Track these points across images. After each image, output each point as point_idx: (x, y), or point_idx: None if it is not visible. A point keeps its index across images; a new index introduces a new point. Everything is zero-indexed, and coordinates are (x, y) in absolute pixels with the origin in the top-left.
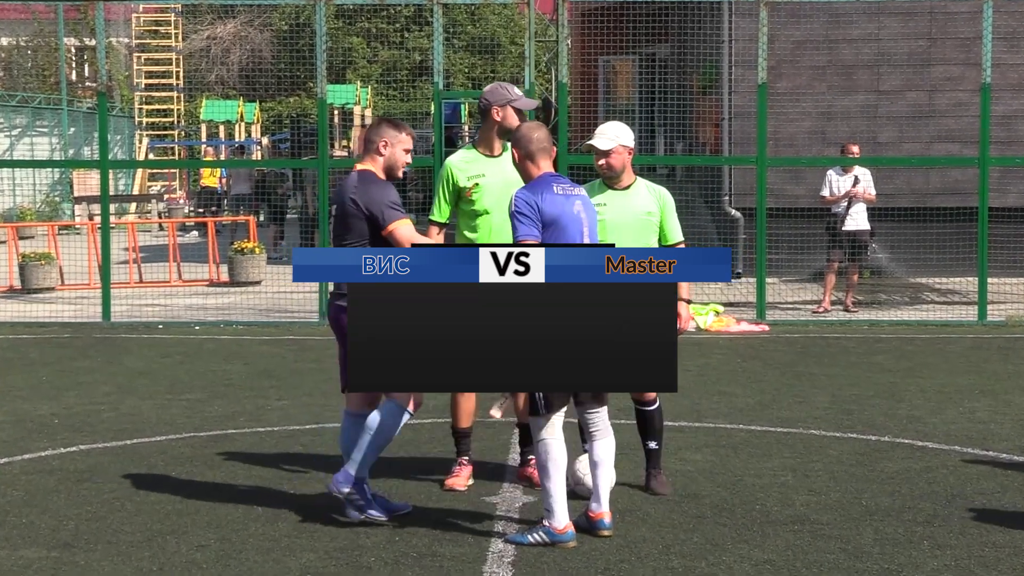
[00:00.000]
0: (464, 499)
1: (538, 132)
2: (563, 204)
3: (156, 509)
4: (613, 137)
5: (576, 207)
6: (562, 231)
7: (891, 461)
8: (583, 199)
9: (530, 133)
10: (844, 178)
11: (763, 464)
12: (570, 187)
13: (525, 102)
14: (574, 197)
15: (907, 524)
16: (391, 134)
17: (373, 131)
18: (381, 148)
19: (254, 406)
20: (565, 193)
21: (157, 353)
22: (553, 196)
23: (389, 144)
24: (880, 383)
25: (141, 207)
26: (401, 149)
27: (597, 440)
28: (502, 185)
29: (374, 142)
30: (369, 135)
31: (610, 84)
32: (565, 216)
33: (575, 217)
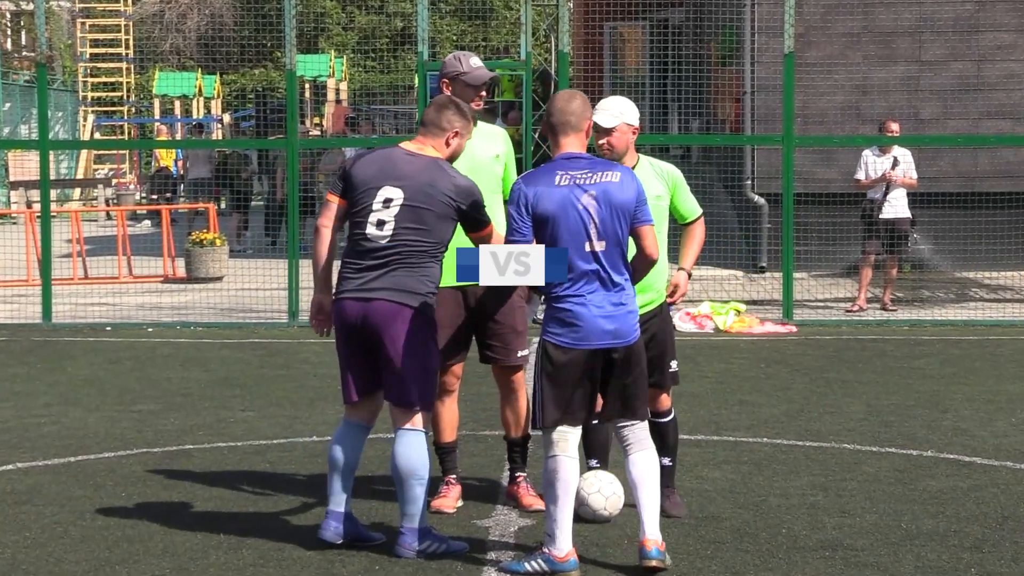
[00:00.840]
0: (452, 522)
1: (564, 103)
2: (563, 198)
3: (104, 535)
4: (617, 114)
5: (584, 201)
6: (557, 230)
7: (934, 479)
8: (601, 189)
9: (554, 103)
10: (882, 160)
11: (790, 483)
12: (586, 173)
13: (476, 75)
14: (584, 188)
15: (952, 550)
16: (462, 124)
17: (443, 116)
18: (451, 138)
19: (215, 418)
20: (572, 184)
21: (104, 359)
22: (551, 189)
23: (460, 135)
24: (922, 391)
25: (86, 193)
26: (464, 141)
27: (633, 453)
28: (472, 166)
29: (445, 130)
30: (438, 119)
31: (617, 54)
32: (563, 213)
33: (578, 213)
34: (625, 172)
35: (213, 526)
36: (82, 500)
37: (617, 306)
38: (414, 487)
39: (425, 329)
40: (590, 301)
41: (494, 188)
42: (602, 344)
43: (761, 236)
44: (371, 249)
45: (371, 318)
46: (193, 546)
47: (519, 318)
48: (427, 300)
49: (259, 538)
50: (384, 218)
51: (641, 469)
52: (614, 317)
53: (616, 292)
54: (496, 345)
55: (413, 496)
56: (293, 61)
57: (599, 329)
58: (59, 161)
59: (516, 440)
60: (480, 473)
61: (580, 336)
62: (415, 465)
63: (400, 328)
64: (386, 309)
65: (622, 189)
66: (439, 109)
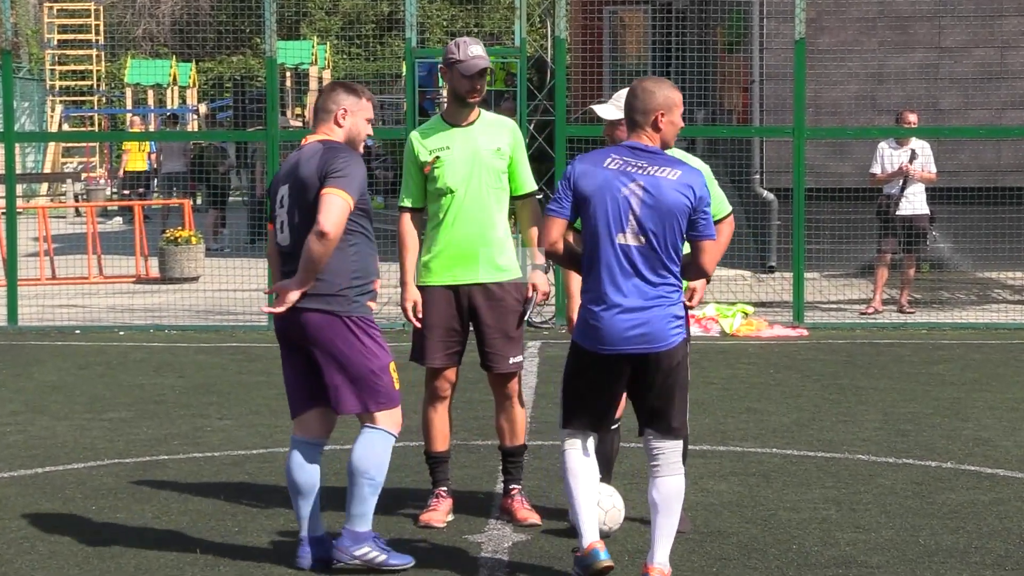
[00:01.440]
0: (443, 537)
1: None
2: (606, 180)
3: (73, 551)
4: (621, 105)
5: (627, 189)
6: (594, 212)
7: (954, 492)
8: (652, 183)
9: (631, 95)
10: (898, 153)
11: (801, 496)
12: (642, 164)
13: (468, 64)
14: (632, 177)
15: (973, 567)
16: (351, 101)
17: (328, 98)
18: (340, 118)
19: (191, 427)
20: (620, 169)
21: (73, 364)
22: (597, 169)
23: (349, 113)
24: (941, 399)
25: (54, 188)
26: (363, 119)
27: (659, 477)
28: (470, 159)
29: (331, 111)
30: (324, 103)
31: (617, 40)
32: (602, 195)
33: (616, 201)
34: (689, 173)
35: (189, 541)
36: (50, 514)
37: (647, 309)
38: (362, 487)
39: (341, 330)
40: (612, 301)
41: (493, 183)
42: (624, 349)
43: (770, 234)
44: (284, 255)
45: (293, 331)
46: (168, 562)
47: (512, 322)
48: (345, 295)
49: (237, 554)
50: (283, 218)
51: (664, 494)
52: (642, 321)
53: (650, 294)
54: (487, 351)
55: (360, 496)
56: (273, 48)
57: (620, 334)
58: (25, 154)
59: (511, 450)
60: (472, 485)
61: (598, 339)
62: (365, 465)
63: (325, 337)
64: (305, 321)
65: (677, 189)
66: (326, 93)
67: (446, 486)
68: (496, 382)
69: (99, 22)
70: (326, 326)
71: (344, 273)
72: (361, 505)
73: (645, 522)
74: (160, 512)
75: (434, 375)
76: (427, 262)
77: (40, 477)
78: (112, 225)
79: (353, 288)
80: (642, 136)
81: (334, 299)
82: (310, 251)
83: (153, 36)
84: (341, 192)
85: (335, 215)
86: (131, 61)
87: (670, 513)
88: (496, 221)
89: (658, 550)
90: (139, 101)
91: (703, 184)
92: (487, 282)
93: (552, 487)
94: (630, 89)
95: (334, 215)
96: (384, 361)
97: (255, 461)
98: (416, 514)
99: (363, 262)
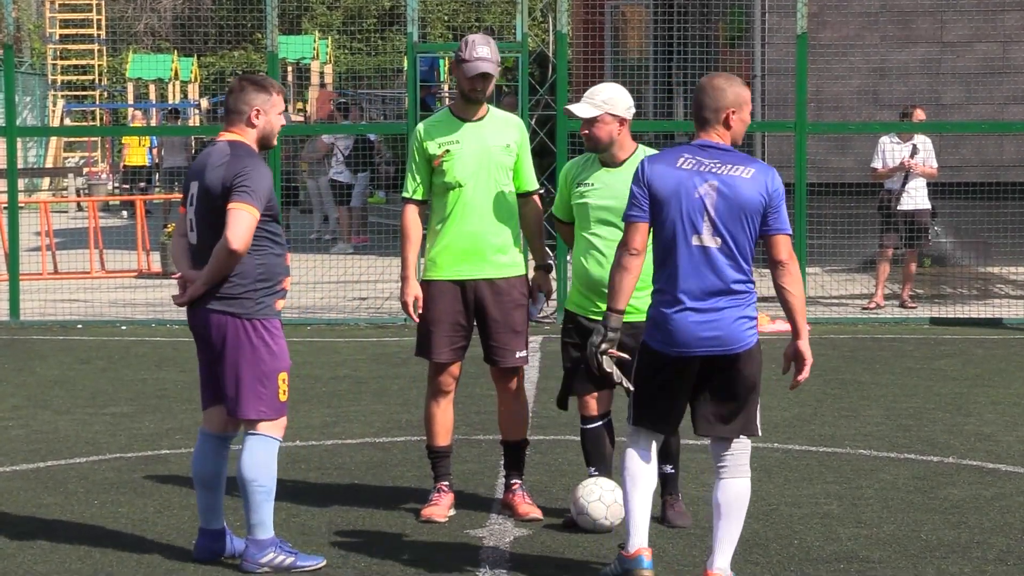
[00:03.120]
0: (444, 532)
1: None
2: (680, 182)
3: (75, 545)
4: (599, 103)
5: (703, 189)
6: (669, 215)
7: (956, 487)
8: (726, 182)
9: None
10: (900, 147)
11: (802, 490)
12: (715, 163)
13: (470, 66)
14: (706, 177)
15: (975, 562)
16: (262, 99)
17: (239, 98)
18: (254, 118)
19: (192, 421)
20: (694, 169)
21: (75, 358)
22: (670, 170)
23: (262, 112)
24: (943, 394)
25: (56, 183)
26: (275, 114)
27: (724, 479)
28: (479, 153)
29: (243, 112)
30: (235, 104)
31: (619, 35)
32: (675, 198)
33: (693, 201)
34: (762, 170)
35: (190, 536)
36: (52, 508)
37: (720, 311)
38: (254, 494)
39: (242, 332)
40: (686, 303)
41: (501, 179)
42: (696, 351)
43: None
44: (193, 251)
45: (197, 328)
46: (170, 557)
47: (519, 317)
48: (249, 297)
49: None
50: (191, 217)
51: (728, 496)
52: (715, 322)
53: (724, 296)
54: (493, 345)
55: (254, 503)
56: (275, 42)
57: (693, 335)
58: (27, 149)
59: (513, 445)
60: (474, 480)
61: (669, 340)
62: (253, 473)
63: (216, 337)
64: (208, 320)
65: (751, 186)
66: (235, 93)
67: (448, 481)
68: (500, 377)
69: (101, 17)
70: (227, 327)
71: (249, 276)
72: (257, 513)
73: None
74: (162, 507)
75: (439, 370)
76: (434, 257)
77: (42, 471)
78: (118, 220)
79: (258, 291)
80: (712, 134)
81: (237, 301)
82: (217, 262)
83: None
84: (246, 207)
85: (242, 231)
86: (133, 56)
87: (733, 517)
88: (502, 216)
89: (718, 555)
90: (141, 96)
91: (775, 178)
92: (494, 277)
93: (554, 482)
94: (699, 86)
95: (241, 230)
96: (274, 367)
97: None
98: (418, 509)
99: (268, 264)
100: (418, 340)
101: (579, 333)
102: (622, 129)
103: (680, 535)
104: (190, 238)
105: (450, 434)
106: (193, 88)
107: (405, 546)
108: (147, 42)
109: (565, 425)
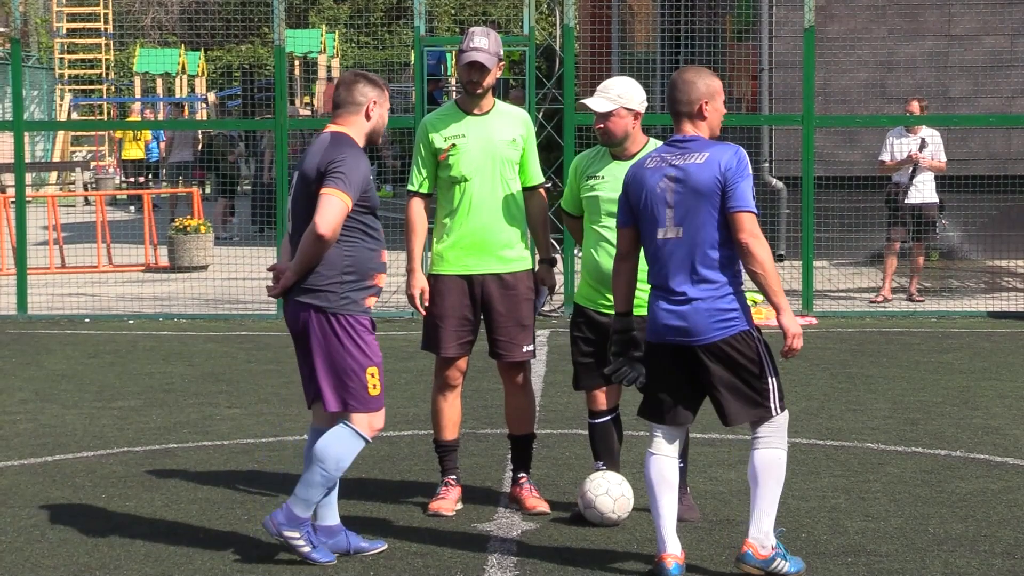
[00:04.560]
0: (452, 526)
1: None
2: (645, 180)
3: (83, 539)
4: (614, 97)
5: (662, 183)
6: (640, 213)
7: (964, 480)
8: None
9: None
10: (908, 141)
11: (810, 484)
12: (675, 155)
13: (464, 56)
14: (664, 171)
15: (983, 556)
16: (377, 93)
17: (355, 90)
18: (370, 110)
19: (200, 415)
20: (656, 167)
21: (83, 352)
22: (640, 171)
23: (379, 104)
24: (951, 387)
25: (63, 177)
26: (386, 110)
27: (754, 450)
28: (485, 148)
29: (361, 104)
30: (350, 96)
31: (626, 28)
32: (642, 197)
33: (655, 195)
34: (717, 151)
35: (198, 529)
36: (60, 502)
37: (691, 301)
38: (315, 473)
39: (328, 326)
40: (659, 293)
41: (507, 173)
42: (667, 340)
43: (779, 222)
44: (289, 241)
45: (288, 324)
46: (177, 550)
47: (526, 311)
48: (334, 290)
49: (246, 542)
50: (289, 206)
51: (755, 467)
52: (682, 313)
53: (694, 285)
54: (500, 339)
55: (310, 481)
56: (282, 36)
57: (663, 324)
58: (34, 143)
59: (520, 439)
60: (481, 474)
61: (650, 330)
62: (326, 454)
63: (309, 331)
64: (296, 313)
65: (704, 170)
66: (349, 86)
67: (455, 475)
68: (507, 371)
69: (108, 11)
70: (311, 320)
71: (335, 267)
72: (308, 490)
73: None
74: (169, 500)
75: (446, 364)
76: (441, 251)
77: (50, 465)
78: (126, 214)
79: (344, 284)
80: (687, 128)
81: (322, 294)
82: (305, 248)
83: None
84: (339, 192)
85: (332, 217)
86: (140, 50)
87: (759, 485)
88: (509, 211)
89: (752, 524)
90: (148, 90)
91: (732, 156)
92: (501, 272)
93: (561, 476)
94: (670, 82)
95: (330, 217)
96: (361, 363)
97: (264, 449)
98: (425, 502)
99: (358, 258)
100: (425, 335)
101: (589, 326)
102: (636, 123)
103: (688, 529)
104: (288, 227)
105: (457, 428)
106: (200, 82)
107: (412, 539)
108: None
109: (572, 419)
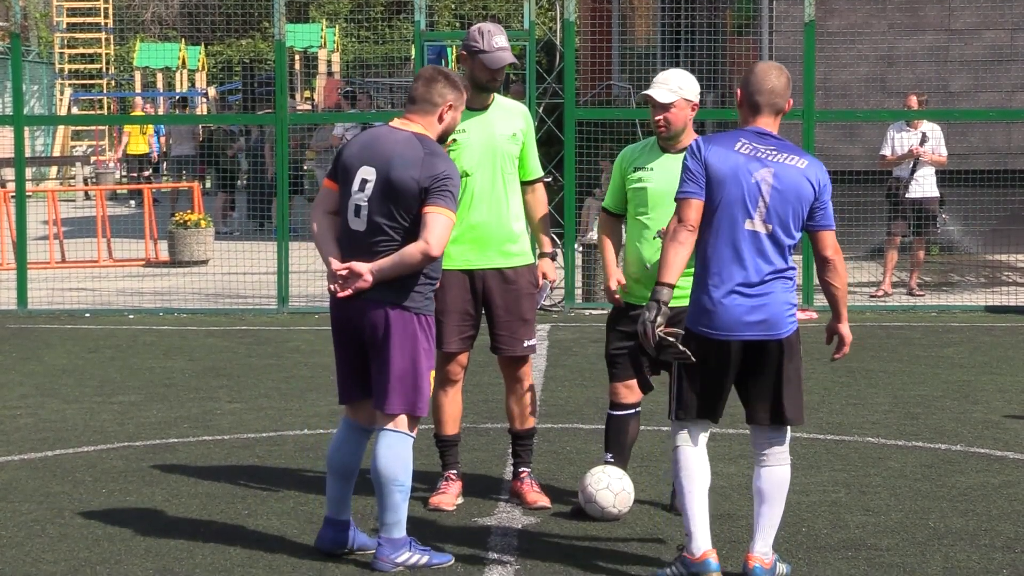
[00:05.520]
0: (452, 520)
1: (768, 80)
2: (738, 165)
3: (83, 534)
4: (675, 88)
5: (759, 175)
6: (723, 195)
7: (964, 475)
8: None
9: (758, 79)
10: (909, 135)
11: (810, 478)
12: (771, 150)
13: (495, 57)
14: (763, 163)
15: (983, 550)
16: (454, 96)
17: (432, 89)
18: (445, 113)
19: (200, 410)
20: (751, 155)
21: (83, 347)
22: (728, 152)
23: (454, 108)
24: (951, 381)
25: (63, 172)
26: (459, 114)
27: (763, 467)
28: (485, 143)
29: (438, 105)
30: (428, 94)
31: (626, 22)
32: (733, 180)
33: (750, 185)
34: (814, 163)
35: (199, 524)
36: (60, 497)
37: (766, 296)
38: (393, 494)
39: (412, 326)
40: (733, 287)
41: (507, 168)
42: (741, 335)
43: None
44: (352, 238)
45: (354, 319)
46: (177, 545)
47: (527, 306)
48: (414, 292)
49: (247, 537)
50: (360, 202)
51: (770, 484)
52: (760, 307)
53: (770, 280)
54: (502, 334)
55: (392, 504)
56: (282, 31)
57: (738, 319)
58: (34, 137)
59: (521, 433)
60: (482, 468)
61: (716, 324)
62: (395, 470)
63: (382, 330)
64: (366, 309)
65: (804, 177)
66: (428, 83)
67: (456, 469)
68: (508, 365)
69: (108, 5)
70: (392, 319)
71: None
72: (394, 512)
73: (654, 504)
74: (170, 495)
75: (447, 359)
76: None
77: (50, 460)
78: (126, 208)
79: (425, 286)
80: (768, 122)
81: (409, 295)
82: (407, 261)
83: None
84: (447, 211)
85: (443, 237)
86: (140, 44)
87: (774, 503)
88: (510, 205)
89: (759, 539)
90: (148, 84)
91: (824, 173)
92: (502, 267)
93: (562, 470)
94: (764, 70)
95: (442, 237)
96: (429, 364)
97: (265, 444)
98: (426, 497)
99: (436, 263)
100: None
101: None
102: (692, 114)
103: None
104: (351, 223)
105: (458, 423)
106: (200, 77)
107: (413, 534)
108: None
109: (572, 413)
